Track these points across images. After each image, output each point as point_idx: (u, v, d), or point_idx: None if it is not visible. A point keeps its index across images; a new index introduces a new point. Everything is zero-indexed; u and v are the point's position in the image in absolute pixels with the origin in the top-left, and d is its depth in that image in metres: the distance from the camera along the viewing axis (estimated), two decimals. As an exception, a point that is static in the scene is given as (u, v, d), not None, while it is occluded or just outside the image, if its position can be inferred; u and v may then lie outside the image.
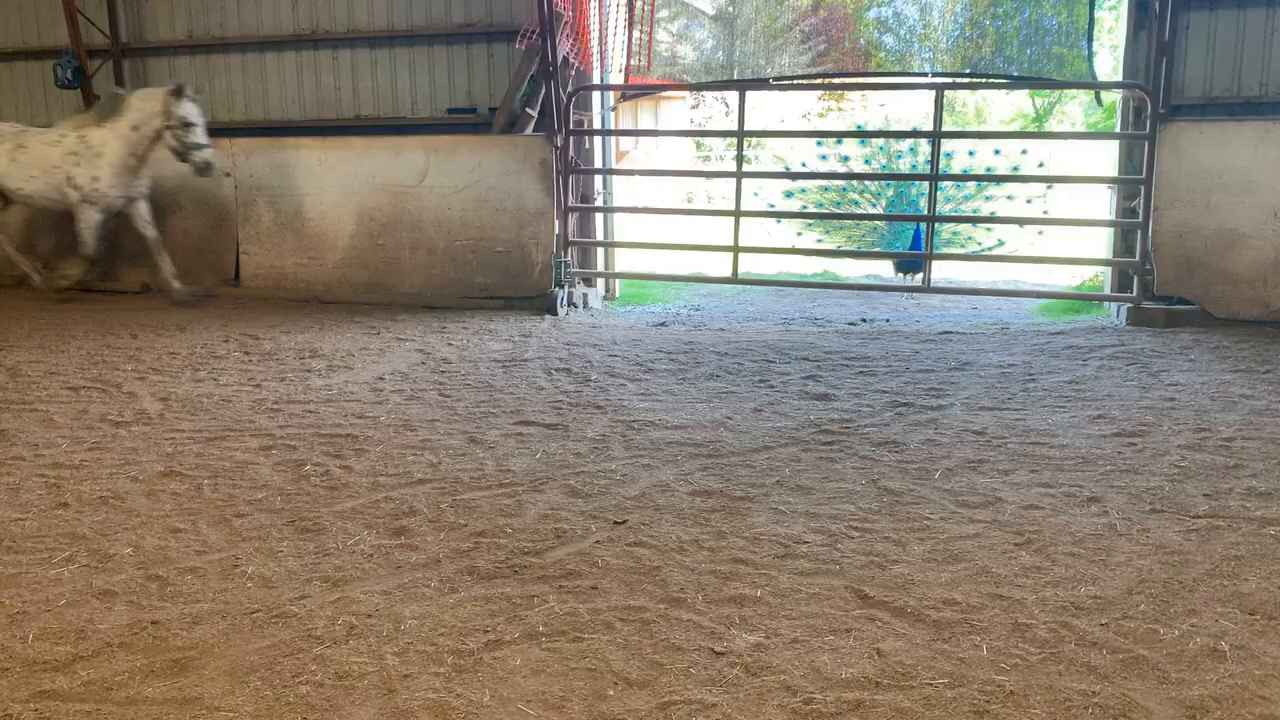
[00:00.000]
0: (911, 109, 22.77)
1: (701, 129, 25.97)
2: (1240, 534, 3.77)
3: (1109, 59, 9.95)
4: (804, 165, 13.19)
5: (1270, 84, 8.24)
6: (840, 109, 30.65)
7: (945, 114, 8.83)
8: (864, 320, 8.82)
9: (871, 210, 12.79)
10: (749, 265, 11.32)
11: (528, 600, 3.25)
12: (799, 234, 13.14)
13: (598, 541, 3.73)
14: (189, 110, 8.50)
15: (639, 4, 9.40)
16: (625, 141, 21.15)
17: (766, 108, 25.66)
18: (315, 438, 5.10)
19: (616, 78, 9.62)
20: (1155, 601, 3.22)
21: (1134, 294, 8.28)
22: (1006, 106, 31.72)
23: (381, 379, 6.39)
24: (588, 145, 9.48)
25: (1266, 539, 3.72)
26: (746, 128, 9.28)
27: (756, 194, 13.11)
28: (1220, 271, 8.01)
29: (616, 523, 3.92)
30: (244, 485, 4.42)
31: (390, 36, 9.93)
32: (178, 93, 8.49)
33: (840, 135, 15.70)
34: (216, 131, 10.31)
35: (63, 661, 2.91)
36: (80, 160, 8.80)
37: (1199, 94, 8.32)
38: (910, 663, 2.85)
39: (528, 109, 9.14)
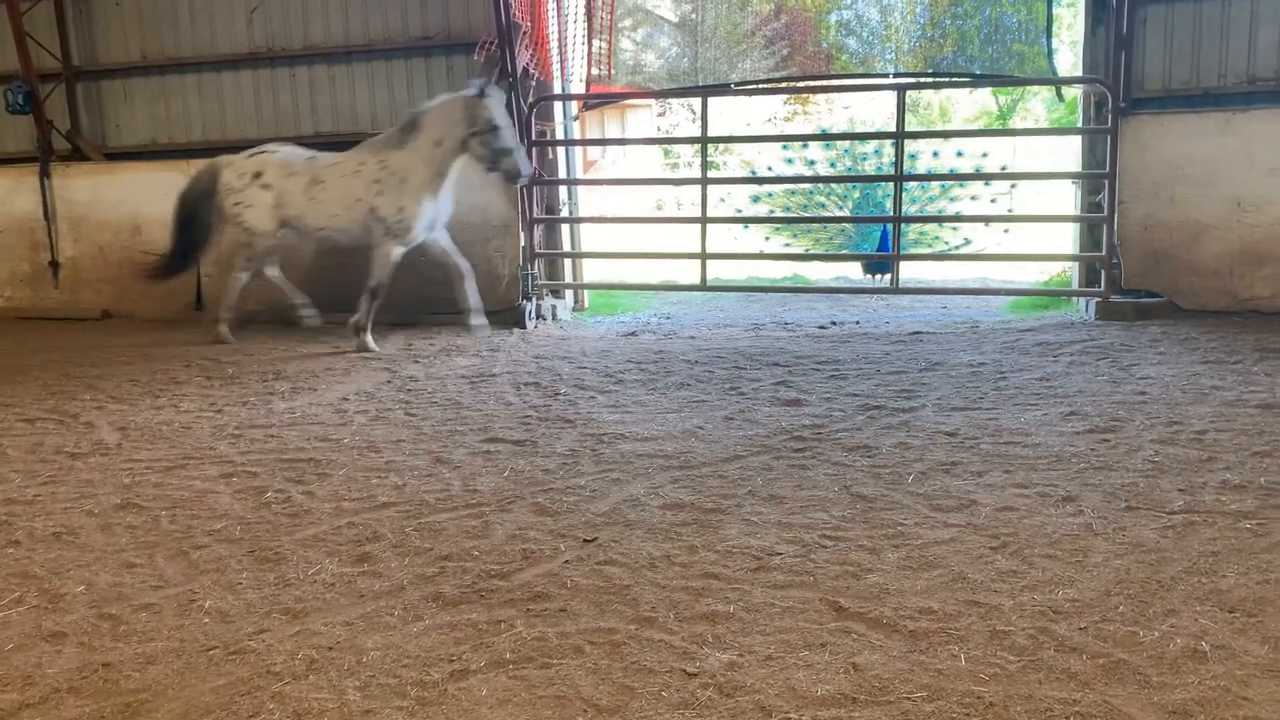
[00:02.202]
0: (876, 111, 22.88)
1: (668, 136, 25.93)
2: (1216, 529, 3.73)
3: (1070, 55, 9.97)
4: (770, 170, 13.19)
5: (1229, 75, 8.26)
6: (806, 112, 30.72)
7: (911, 115, 8.83)
8: (834, 323, 8.78)
9: (838, 212, 12.79)
10: (719, 271, 11.27)
11: (494, 626, 3.15)
12: (767, 238, 13.13)
13: (567, 561, 3.64)
14: (495, 111, 7.57)
15: (600, 14, 9.34)
16: (594, 150, 21.11)
17: (732, 113, 25.69)
18: (277, 463, 4.98)
19: (579, 87, 9.55)
20: (1134, 602, 3.16)
21: (1102, 288, 8.29)
22: (971, 105, 31.88)
23: (346, 400, 6.27)
24: (551, 156, 9.40)
25: (1243, 533, 3.68)
26: (712, 133, 9.24)
27: (724, 199, 13.09)
28: (1186, 263, 8.03)
29: (586, 541, 3.84)
30: (203, 515, 4.29)
31: (348, 51, 9.81)
32: (480, 93, 7.54)
33: (804, 139, 15.73)
34: (173, 154, 10.22)
35: (7, 710, 2.78)
36: (384, 189, 7.78)
37: (1159, 87, 8.34)
38: (887, 676, 2.78)
39: (489, 121, 9.03)
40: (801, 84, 28.90)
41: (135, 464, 5.07)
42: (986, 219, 11.49)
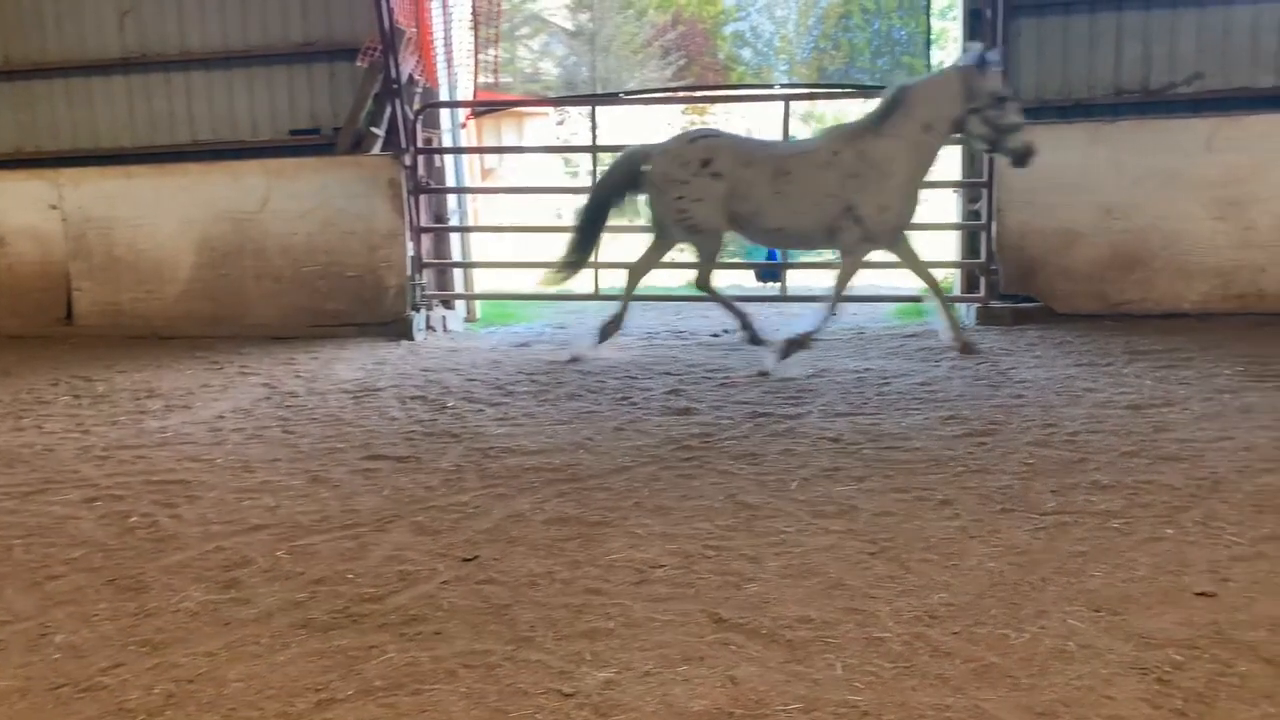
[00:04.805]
0: (773, 121, 23.16)
1: (559, 145, 25.79)
2: (1085, 529, 3.83)
3: (952, 67, 10.41)
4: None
5: (1097, 86, 8.59)
6: (703, 122, 31.00)
7: (808, 125, 8.94)
8: (726, 331, 8.81)
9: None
10: (614, 280, 11.22)
11: (365, 652, 3.04)
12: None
13: (444, 582, 3.55)
14: (999, 82, 6.62)
15: (487, 23, 9.23)
16: (490, 158, 20.89)
17: (629, 122, 25.71)
18: (144, 486, 4.76)
19: (467, 94, 9.43)
20: (1006, 605, 3.21)
21: (982, 294, 8.50)
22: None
23: (221, 417, 6.04)
24: (439, 164, 9.26)
25: (1110, 533, 3.79)
26: (608, 143, 9.22)
27: (619, 207, 13.05)
28: (1061, 269, 8.30)
29: (466, 560, 3.74)
30: (60, 543, 4.07)
31: (226, 58, 9.52)
32: (981, 62, 6.54)
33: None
34: (40, 162, 9.77)
35: None
36: (864, 183, 6.69)
37: (1032, 97, 8.60)
38: (764, 689, 2.76)
39: (373, 128, 8.86)
40: (686, 94, 29.10)
41: (-11, 490, 4.79)
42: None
